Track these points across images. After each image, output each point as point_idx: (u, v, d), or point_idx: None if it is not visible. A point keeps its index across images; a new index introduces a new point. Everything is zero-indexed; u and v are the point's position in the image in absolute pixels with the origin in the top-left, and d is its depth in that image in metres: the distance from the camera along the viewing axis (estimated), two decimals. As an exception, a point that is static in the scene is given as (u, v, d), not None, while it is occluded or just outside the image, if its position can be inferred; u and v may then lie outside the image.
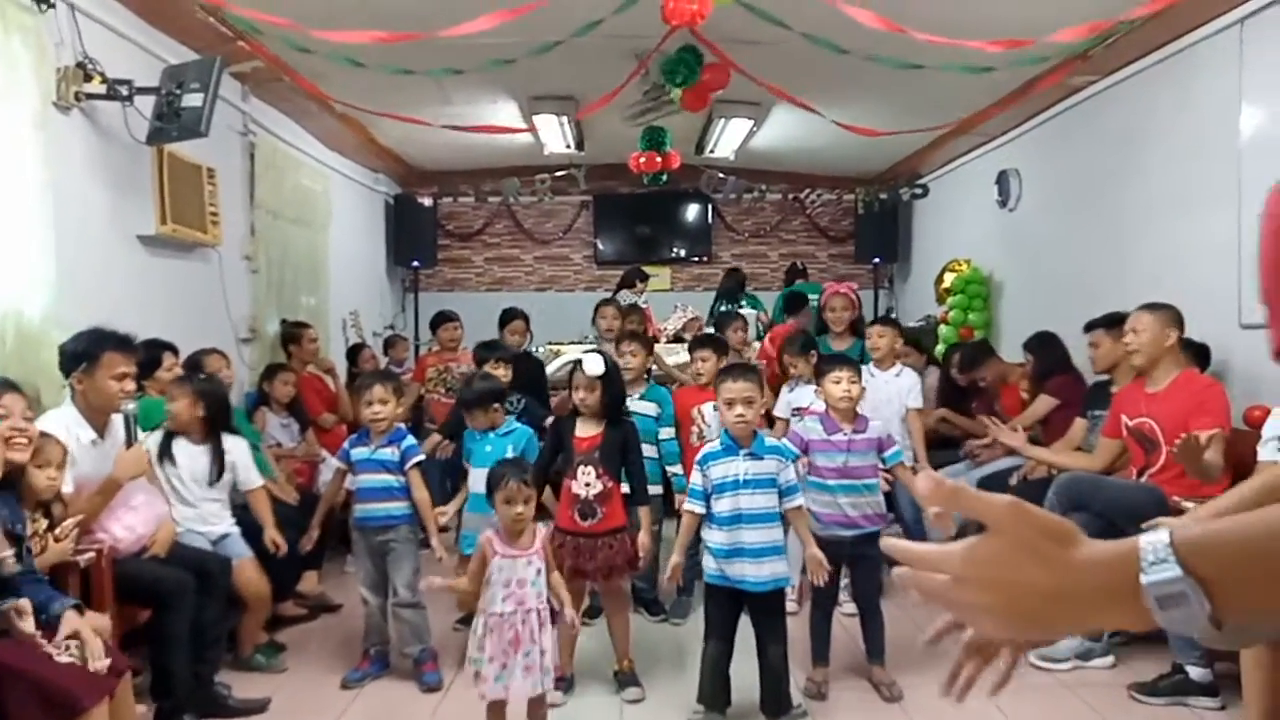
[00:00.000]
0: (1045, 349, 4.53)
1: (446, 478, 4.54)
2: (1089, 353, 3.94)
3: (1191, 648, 2.96)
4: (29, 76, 3.18)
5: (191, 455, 3.29)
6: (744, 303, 6.93)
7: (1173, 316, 3.33)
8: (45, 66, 3.29)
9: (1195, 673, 2.98)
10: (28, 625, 2.18)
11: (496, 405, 3.53)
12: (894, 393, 4.19)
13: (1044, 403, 4.34)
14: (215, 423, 3.35)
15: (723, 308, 6.82)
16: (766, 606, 2.87)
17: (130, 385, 2.88)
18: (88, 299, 3.41)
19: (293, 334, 5.20)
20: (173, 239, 4.09)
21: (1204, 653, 2.94)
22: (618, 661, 3.23)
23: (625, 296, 6.13)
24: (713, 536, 2.85)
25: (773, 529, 2.84)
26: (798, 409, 4.03)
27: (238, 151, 5.01)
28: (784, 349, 4.38)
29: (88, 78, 3.48)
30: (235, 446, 3.38)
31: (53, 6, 3.31)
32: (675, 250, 8.80)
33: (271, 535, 3.38)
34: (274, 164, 5.38)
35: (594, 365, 3.15)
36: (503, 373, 4.02)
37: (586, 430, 3.18)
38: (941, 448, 4.66)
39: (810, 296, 6.25)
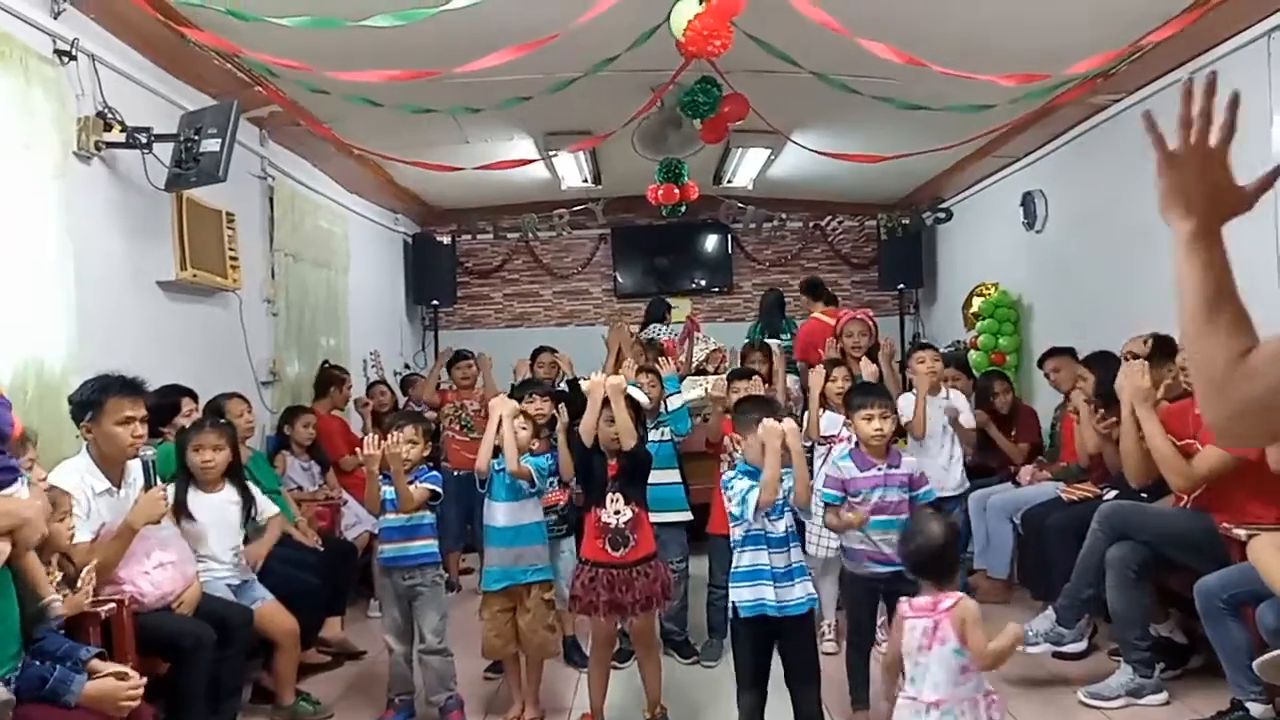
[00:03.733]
0: (1105, 368, 4.12)
1: (466, 519, 4.48)
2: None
3: (1252, 682, 2.82)
4: (50, 128, 3.20)
5: (215, 504, 3.25)
6: (785, 328, 6.83)
7: None
8: (66, 117, 3.31)
9: (1256, 709, 2.83)
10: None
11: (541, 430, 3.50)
12: (946, 419, 4.13)
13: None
14: (236, 466, 3.33)
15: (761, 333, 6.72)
16: (797, 635, 2.77)
17: (140, 430, 2.84)
18: (108, 346, 3.40)
19: (336, 377, 5.22)
20: (193, 284, 4.09)
21: (1265, 687, 2.80)
22: (649, 708, 3.13)
23: (656, 329, 6.07)
24: (742, 560, 2.80)
25: (793, 550, 2.80)
26: (826, 437, 3.94)
27: (257, 195, 5.03)
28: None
29: (108, 127, 3.49)
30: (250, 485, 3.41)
31: (74, 59, 3.34)
32: (695, 281, 8.75)
33: (304, 536, 3.70)
34: (293, 207, 5.40)
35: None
36: (537, 407, 3.93)
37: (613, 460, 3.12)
38: (974, 474, 4.52)
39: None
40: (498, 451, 3.38)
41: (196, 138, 3.62)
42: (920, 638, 2.25)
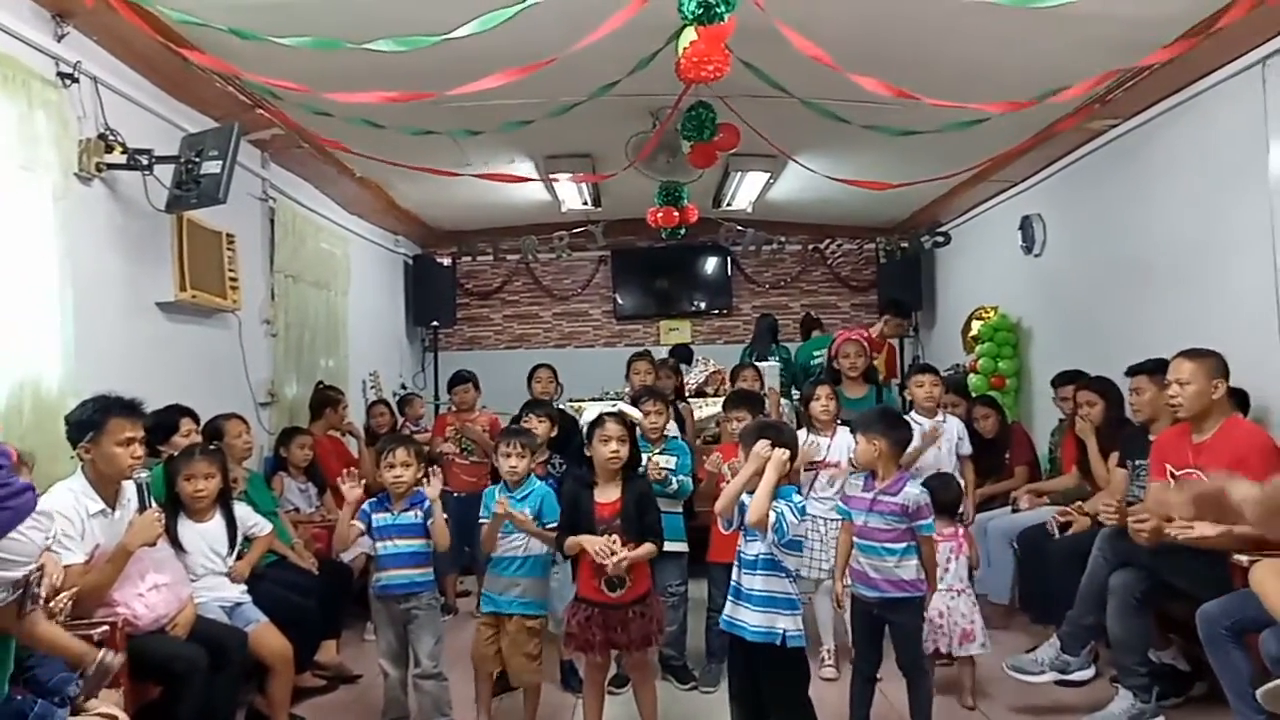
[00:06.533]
0: (1112, 394, 4.13)
1: (464, 542, 4.44)
2: (1130, 399, 3.80)
3: (1255, 710, 2.78)
4: (51, 150, 3.22)
5: (204, 531, 3.25)
6: (774, 352, 6.88)
7: (1217, 364, 3.16)
8: (68, 139, 3.33)
9: (1261, 739, 2.79)
10: None
11: (537, 455, 3.46)
12: (941, 441, 4.14)
13: (1121, 476, 3.84)
14: (226, 492, 3.32)
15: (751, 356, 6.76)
16: (764, 663, 2.71)
17: (139, 451, 2.83)
18: (106, 367, 3.39)
19: (332, 398, 5.20)
20: (192, 305, 4.09)
21: (1268, 716, 2.76)
22: (646, 734, 3.10)
23: (683, 369, 6.10)
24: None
25: (760, 576, 2.72)
26: (812, 462, 3.90)
27: (257, 217, 5.05)
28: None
29: (109, 149, 3.51)
30: (237, 507, 3.39)
31: (76, 81, 3.36)
32: (695, 303, 8.77)
33: (300, 559, 3.81)
34: (294, 228, 5.41)
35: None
36: (536, 425, 3.90)
37: (606, 495, 3.07)
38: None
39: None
40: (496, 477, 3.36)
41: (197, 160, 3.64)
42: (949, 553, 3.48)
